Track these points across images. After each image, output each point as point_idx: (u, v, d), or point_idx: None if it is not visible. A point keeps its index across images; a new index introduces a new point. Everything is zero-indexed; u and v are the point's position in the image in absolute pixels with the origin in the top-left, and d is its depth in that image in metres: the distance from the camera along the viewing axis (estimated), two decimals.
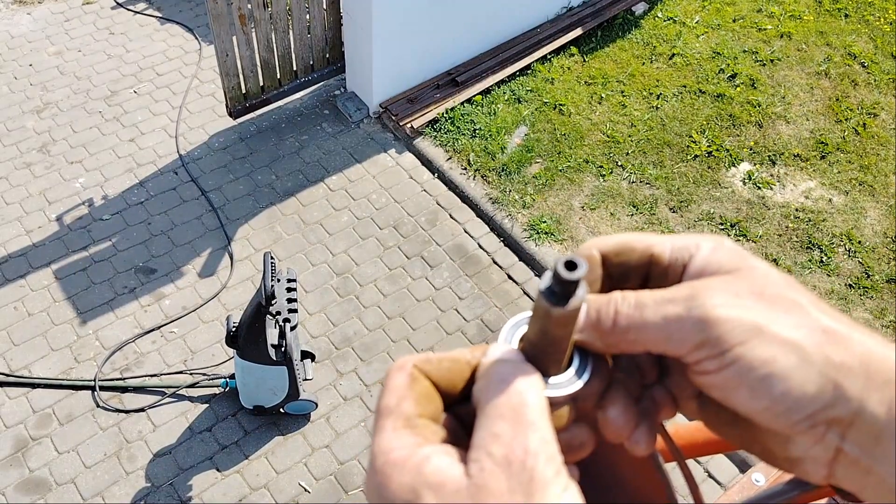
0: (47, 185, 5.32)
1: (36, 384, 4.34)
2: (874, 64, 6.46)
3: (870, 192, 5.58)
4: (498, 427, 0.39)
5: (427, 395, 0.43)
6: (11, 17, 6.51)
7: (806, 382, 0.40)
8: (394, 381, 0.43)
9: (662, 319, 0.43)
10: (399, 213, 5.29)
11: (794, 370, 0.40)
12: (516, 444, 0.38)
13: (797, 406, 0.40)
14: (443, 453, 0.39)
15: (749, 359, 0.41)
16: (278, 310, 3.70)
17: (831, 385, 0.40)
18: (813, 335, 0.41)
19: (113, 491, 4.02)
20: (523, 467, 0.37)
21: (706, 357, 0.42)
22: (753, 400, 0.41)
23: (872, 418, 0.39)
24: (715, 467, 4.19)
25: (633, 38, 6.51)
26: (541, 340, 0.43)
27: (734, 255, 0.45)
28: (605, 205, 5.36)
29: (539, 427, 0.39)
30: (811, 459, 0.42)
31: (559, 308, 0.40)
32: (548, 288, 0.41)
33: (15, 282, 4.79)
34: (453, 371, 0.44)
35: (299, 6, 5.39)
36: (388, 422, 0.41)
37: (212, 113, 5.85)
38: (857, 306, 4.93)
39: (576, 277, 0.40)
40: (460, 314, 4.80)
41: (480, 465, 0.38)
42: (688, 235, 0.47)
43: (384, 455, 0.39)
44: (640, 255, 0.47)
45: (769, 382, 0.40)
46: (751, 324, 0.41)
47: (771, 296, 0.43)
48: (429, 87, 5.93)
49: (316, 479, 4.12)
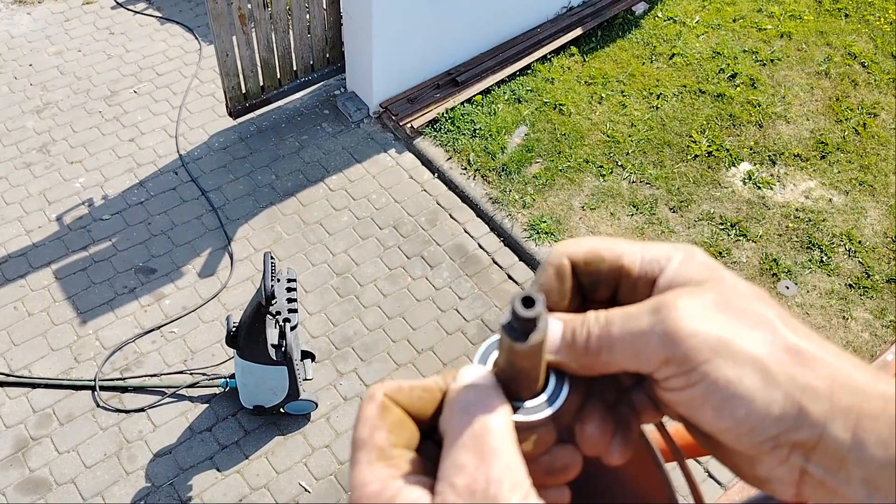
0: (47, 185, 5.32)
1: (36, 384, 4.34)
2: (874, 64, 6.46)
3: (870, 192, 5.58)
4: (461, 457, 0.39)
5: (400, 423, 0.42)
6: (11, 17, 6.51)
7: (770, 404, 0.39)
8: (366, 411, 0.42)
9: (629, 335, 0.42)
10: (399, 213, 5.29)
11: (759, 391, 0.39)
12: (478, 474, 0.38)
13: (760, 428, 0.40)
14: (414, 485, 0.39)
15: (714, 378, 0.40)
16: (278, 310, 3.70)
17: (796, 408, 0.39)
18: (778, 354, 0.40)
19: (113, 491, 4.02)
20: (486, 496, 0.37)
21: (672, 374, 0.41)
22: (717, 420, 0.41)
23: (836, 443, 0.38)
24: (715, 467, 4.19)
25: (633, 38, 6.51)
26: (509, 370, 0.42)
27: (704, 268, 0.44)
28: (605, 205, 5.36)
29: (502, 453, 0.39)
30: (777, 479, 0.41)
31: (520, 343, 0.40)
32: (507, 324, 0.40)
33: (15, 282, 4.79)
34: (425, 399, 0.44)
35: (299, 6, 5.39)
36: (363, 454, 0.41)
37: (212, 113, 5.85)
38: (857, 306, 4.93)
39: (532, 315, 0.39)
40: (460, 314, 4.80)
41: (444, 497, 0.38)
42: (660, 245, 0.46)
43: (360, 489, 0.40)
44: (609, 266, 0.46)
45: (733, 404, 0.40)
46: (716, 339, 0.40)
47: (738, 309, 0.42)
48: (429, 86, 5.93)
49: (316, 479, 4.12)
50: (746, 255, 5.16)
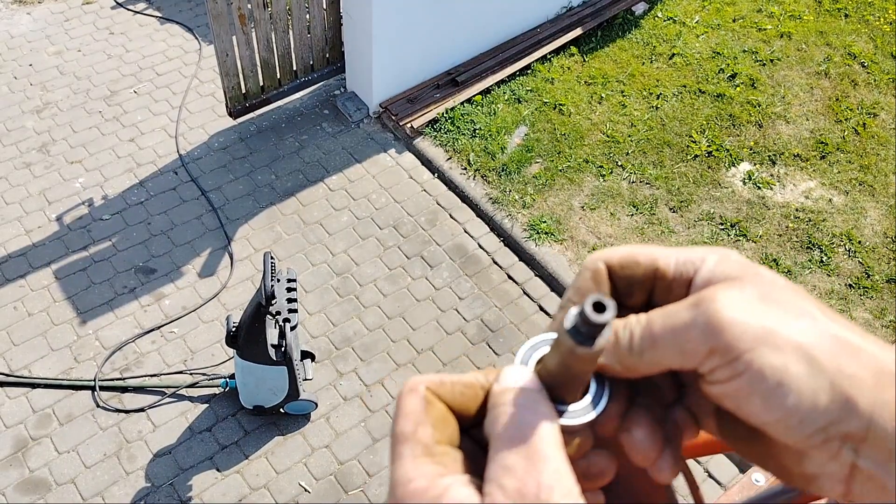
0: (47, 185, 5.32)
1: (36, 384, 4.34)
2: (874, 64, 6.46)
3: (870, 192, 5.58)
4: (510, 460, 0.38)
5: (443, 419, 0.42)
6: (11, 17, 6.51)
7: (817, 393, 0.39)
8: (408, 405, 0.42)
9: (671, 331, 0.42)
10: (399, 213, 5.29)
11: (805, 379, 0.39)
12: (529, 478, 0.38)
13: (809, 418, 0.39)
14: (462, 484, 0.38)
15: (759, 366, 0.39)
16: (278, 310, 3.70)
17: (843, 397, 0.39)
18: (824, 341, 0.40)
19: (113, 491, 4.02)
20: (537, 500, 0.37)
21: (718, 365, 0.41)
22: (766, 411, 0.40)
23: (885, 433, 0.38)
24: (715, 467, 4.19)
25: (633, 38, 6.51)
26: (561, 374, 0.42)
27: (740, 265, 0.44)
28: (605, 205, 5.36)
29: (552, 459, 0.39)
30: (827, 476, 0.41)
31: (584, 348, 0.40)
32: (574, 327, 0.40)
33: (15, 282, 4.79)
34: (467, 395, 0.43)
35: (299, 6, 5.39)
36: (407, 449, 0.40)
37: (212, 113, 5.85)
38: (857, 306, 4.93)
39: (604, 321, 0.39)
40: (460, 314, 4.80)
41: (493, 498, 0.37)
42: (694, 248, 0.46)
43: (404, 486, 0.39)
44: (644, 269, 0.46)
45: (780, 392, 0.39)
46: (759, 327, 0.40)
47: (778, 300, 0.42)
48: (429, 86, 5.93)
49: (316, 479, 4.12)
50: (746, 255, 5.16)
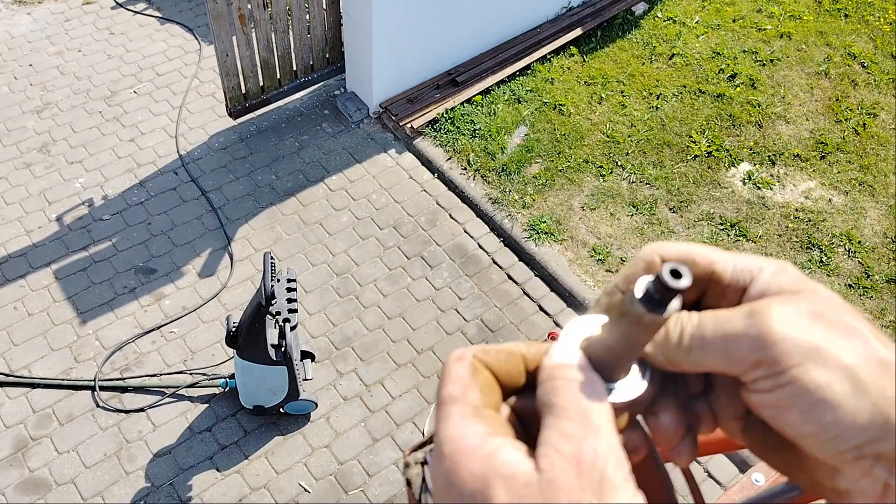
0: (47, 185, 5.32)
1: (36, 384, 4.34)
2: (874, 64, 6.46)
3: (870, 192, 5.58)
4: (567, 427, 0.39)
5: (490, 385, 0.43)
6: (11, 17, 6.51)
7: (858, 412, 0.39)
8: (456, 370, 0.43)
9: (722, 338, 0.43)
10: (399, 213, 5.29)
11: (848, 398, 0.39)
12: (586, 446, 0.38)
13: (846, 435, 0.40)
14: (512, 446, 0.39)
15: (804, 381, 0.40)
16: (278, 310, 3.70)
17: (883, 418, 0.39)
18: (870, 365, 0.40)
19: (113, 491, 4.02)
20: (594, 467, 0.38)
21: (762, 376, 0.42)
22: (802, 424, 0.41)
23: None
24: (715, 467, 4.19)
25: (632, 38, 6.51)
26: (619, 345, 0.43)
27: (796, 280, 0.45)
28: (605, 205, 5.36)
29: (607, 432, 0.40)
30: (859, 492, 0.41)
31: (654, 315, 0.40)
32: (647, 293, 0.41)
33: (15, 282, 4.79)
34: (510, 363, 0.45)
35: (299, 6, 5.39)
36: (456, 409, 0.41)
37: (212, 113, 5.85)
38: (856, 306, 4.93)
39: (681, 287, 0.39)
40: (460, 314, 4.80)
41: (550, 461, 0.38)
42: (752, 257, 0.47)
43: (454, 441, 0.40)
44: (701, 271, 0.47)
45: (821, 408, 0.40)
46: (809, 345, 0.41)
47: (831, 319, 0.42)
48: (429, 87, 5.93)
49: (316, 479, 4.12)
50: None
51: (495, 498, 0.37)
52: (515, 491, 0.37)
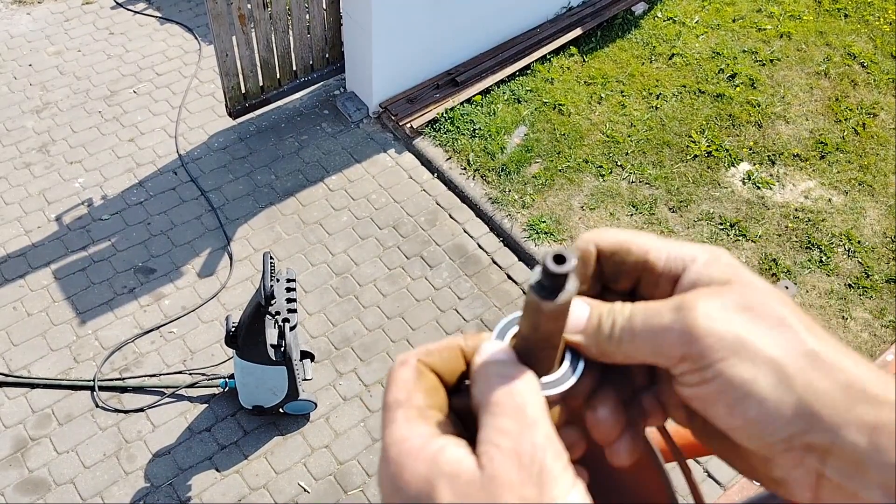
0: (47, 185, 5.32)
1: (35, 384, 4.34)
2: (874, 64, 6.46)
3: (869, 192, 5.58)
4: (503, 423, 0.40)
5: (434, 387, 0.43)
6: (11, 17, 6.51)
7: (783, 406, 0.40)
8: (400, 375, 0.43)
9: (650, 331, 0.43)
10: (399, 213, 5.29)
11: (773, 392, 0.40)
12: (523, 439, 0.39)
13: (772, 428, 0.40)
14: (455, 445, 0.40)
15: (729, 376, 0.40)
16: (278, 310, 3.70)
17: (808, 411, 0.39)
18: (796, 358, 0.41)
19: (112, 491, 4.02)
20: (532, 460, 0.38)
21: (689, 370, 0.42)
22: (729, 418, 0.41)
23: (852, 447, 0.38)
24: (715, 467, 4.19)
25: (632, 38, 6.51)
26: (532, 336, 0.43)
27: (728, 269, 0.45)
28: (605, 205, 5.36)
29: (542, 424, 0.40)
30: (794, 482, 0.41)
31: (548, 302, 0.40)
32: (538, 282, 0.41)
33: (14, 282, 4.79)
34: (452, 359, 0.45)
35: (299, 6, 5.39)
36: (400, 412, 0.41)
37: (211, 113, 5.85)
38: (856, 306, 4.93)
39: (564, 271, 0.39)
40: (460, 314, 4.80)
41: (490, 457, 0.38)
42: (686, 245, 0.47)
43: (398, 445, 0.40)
44: (635, 259, 0.47)
45: (745, 403, 0.40)
46: (734, 339, 0.41)
47: (759, 311, 0.42)
48: (428, 87, 5.93)
49: (315, 479, 4.12)
50: (746, 255, 5.16)
51: (440, 498, 0.37)
52: (459, 489, 0.37)
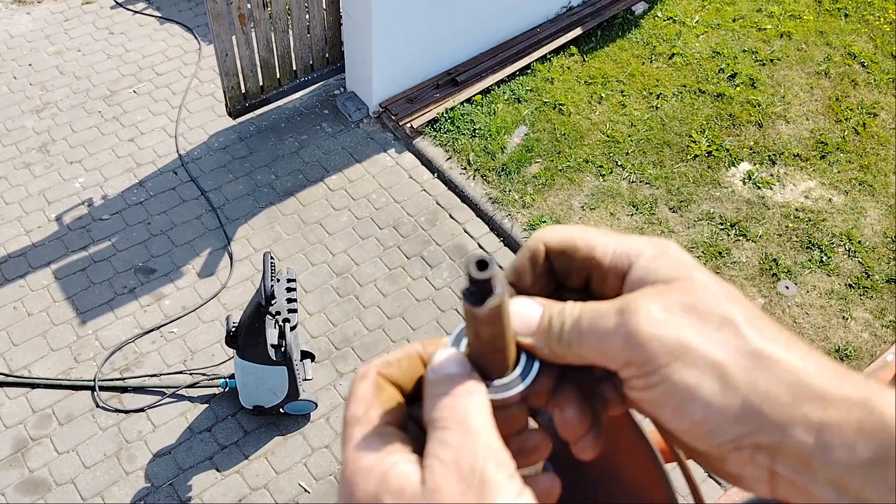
0: (47, 185, 5.32)
1: (36, 384, 4.34)
2: (874, 64, 6.46)
3: (870, 192, 5.58)
4: (445, 436, 0.40)
5: (392, 400, 0.44)
6: (11, 17, 6.51)
7: (727, 408, 0.40)
8: (360, 390, 0.44)
9: (596, 334, 0.43)
10: (399, 213, 5.29)
11: (716, 396, 0.40)
12: (465, 451, 0.39)
13: (718, 430, 0.40)
14: (407, 461, 0.40)
15: (673, 381, 0.41)
16: (278, 310, 3.70)
17: (754, 413, 0.39)
18: (740, 358, 0.40)
19: (113, 491, 4.02)
20: (472, 470, 0.38)
21: (633, 375, 0.42)
22: (676, 421, 0.41)
23: (799, 445, 0.39)
24: None
25: (632, 37, 6.51)
26: (476, 342, 0.43)
27: (674, 265, 0.44)
28: (605, 205, 5.36)
29: (483, 434, 0.40)
30: (749, 477, 0.41)
31: (478, 308, 0.40)
32: (466, 289, 0.41)
33: (14, 282, 4.79)
34: (412, 368, 0.45)
35: (299, 6, 5.39)
36: (358, 430, 0.42)
37: (211, 113, 5.84)
38: (856, 306, 4.93)
39: (486, 276, 0.40)
40: (460, 314, 4.78)
41: (432, 470, 0.39)
42: (634, 239, 0.46)
43: (353, 463, 0.41)
44: (582, 256, 0.47)
45: (690, 407, 0.40)
46: (676, 343, 0.41)
47: (703, 311, 0.42)
48: (428, 86, 5.93)
49: (316, 479, 4.12)
50: (746, 255, 5.16)
51: None
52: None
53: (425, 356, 0.46)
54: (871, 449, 0.37)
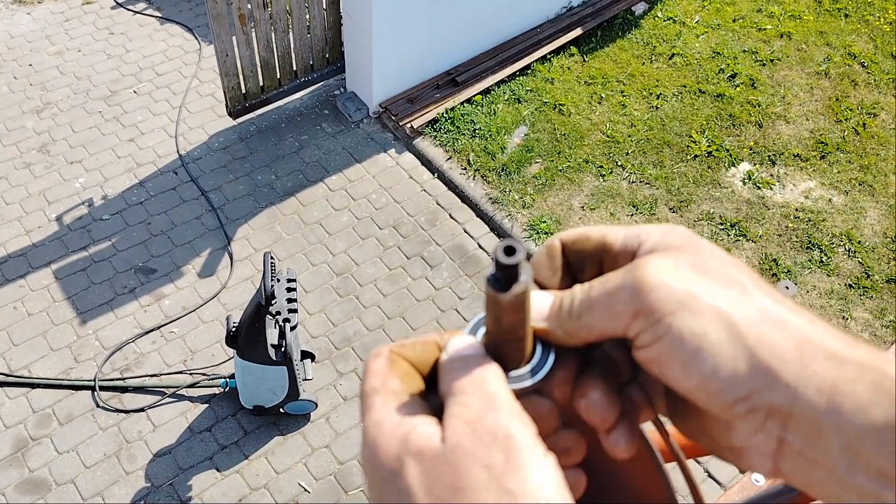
0: (47, 185, 5.32)
1: (36, 384, 4.34)
2: (874, 64, 6.46)
3: (870, 192, 5.58)
4: (464, 399, 0.40)
5: (408, 373, 0.44)
6: (11, 17, 6.51)
7: (736, 360, 0.39)
8: (374, 365, 0.44)
9: (605, 294, 0.43)
10: (399, 213, 5.29)
11: (724, 346, 0.39)
12: (486, 410, 0.39)
13: (729, 386, 0.39)
14: (427, 423, 0.40)
15: (679, 330, 0.40)
16: (278, 310, 3.70)
17: (763, 366, 0.38)
18: (747, 311, 0.40)
19: (113, 491, 4.02)
20: (496, 427, 0.38)
21: (641, 329, 0.41)
22: (685, 377, 0.40)
23: (810, 408, 0.37)
24: (715, 467, 4.19)
25: (633, 38, 6.51)
26: (496, 330, 0.43)
27: (684, 237, 0.45)
28: (605, 205, 5.36)
29: (503, 397, 0.40)
30: (754, 449, 0.40)
31: (504, 294, 0.41)
32: (492, 275, 0.41)
33: (15, 282, 4.79)
34: (426, 353, 0.45)
35: (299, 6, 5.39)
36: (377, 398, 0.42)
37: (212, 113, 5.85)
38: (856, 306, 4.93)
39: (515, 262, 0.40)
40: (460, 314, 4.80)
41: (453, 428, 0.39)
42: (644, 226, 0.47)
43: (375, 427, 0.41)
44: (594, 244, 0.48)
45: (698, 357, 0.39)
46: (683, 292, 0.40)
47: (711, 269, 0.42)
48: (429, 86, 5.93)
49: (316, 479, 4.12)
50: (746, 255, 5.16)
51: (408, 476, 0.38)
52: (425, 465, 0.38)
53: (441, 343, 0.46)
54: (886, 412, 0.36)
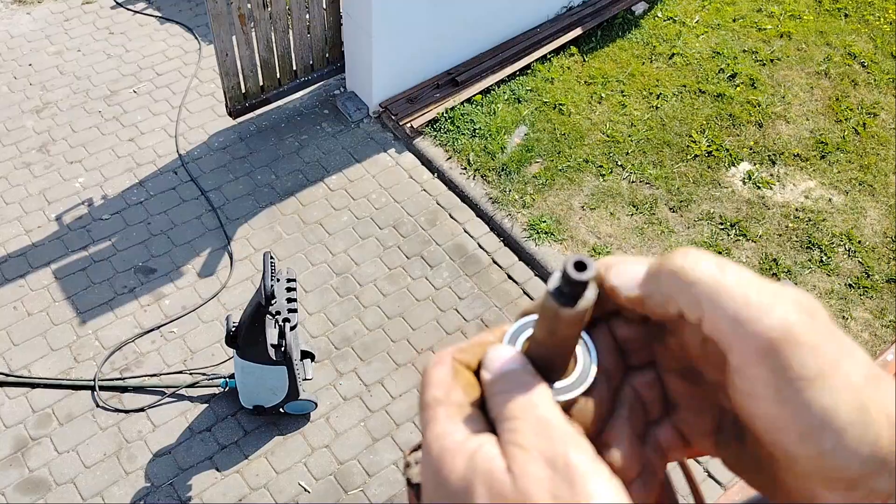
0: (47, 184, 5.32)
1: (35, 384, 4.34)
2: (874, 64, 6.46)
3: (870, 191, 5.58)
4: (517, 425, 0.39)
5: (471, 384, 0.43)
6: (11, 17, 6.51)
7: (861, 444, 0.36)
8: (437, 374, 0.43)
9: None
10: (399, 213, 5.29)
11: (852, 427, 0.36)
12: (541, 438, 0.38)
13: (845, 465, 0.36)
14: (493, 443, 0.39)
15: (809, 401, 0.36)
16: (278, 309, 3.70)
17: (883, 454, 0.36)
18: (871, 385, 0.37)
19: (112, 491, 4.02)
20: (555, 456, 0.37)
21: (763, 382, 0.38)
22: (799, 446, 0.37)
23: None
24: (715, 467, 4.19)
25: (632, 37, 6.51)
26: (549, 342, 0.42)
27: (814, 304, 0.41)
28: (605, 205, 5.36)
29: (556, 422, 0.39)
30: None
31: (568, 309, 0.40)
32: (557, 289, 0.40)
33: (14, 282, 4.79)
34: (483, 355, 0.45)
35: (299, 6, 5.39)
36: (441, 410, 0.41)
37: (211, 113, 5.84)
38: (856, 306, 4.93)
39: (585, 278, 0.39)
40: (460, 314, 4.80)
41: (514, 457, 0.38)
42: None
43: (440, 440, 0.40)
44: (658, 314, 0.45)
45: (823, 433, 0.36)
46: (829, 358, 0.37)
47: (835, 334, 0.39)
48: (429, 86, 5.93)
49: (316, 479, 4.12)
50: (746, 255, 5.15)
51: (476, 498, 0.37)
52: (493, 490, 0.37)
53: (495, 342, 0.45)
54: None
